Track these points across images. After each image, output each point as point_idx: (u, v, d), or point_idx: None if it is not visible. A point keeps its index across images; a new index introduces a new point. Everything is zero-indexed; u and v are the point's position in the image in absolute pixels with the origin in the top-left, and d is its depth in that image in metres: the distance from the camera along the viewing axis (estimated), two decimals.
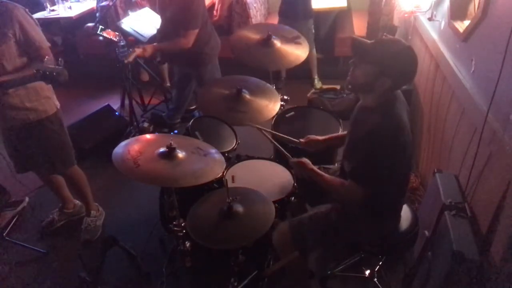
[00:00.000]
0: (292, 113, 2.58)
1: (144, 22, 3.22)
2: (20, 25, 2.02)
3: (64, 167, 2.45)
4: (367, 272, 2.20)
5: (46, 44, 2.15)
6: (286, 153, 1.99)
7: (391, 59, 1.51)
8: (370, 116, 1.60)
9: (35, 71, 1.85)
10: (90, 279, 2.16)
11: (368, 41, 1.58)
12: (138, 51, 2.77)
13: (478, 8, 1.90)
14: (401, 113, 1.59)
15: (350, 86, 1.65)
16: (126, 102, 3.62)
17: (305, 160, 1.84)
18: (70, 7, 4.56)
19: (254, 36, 2.52)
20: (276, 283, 2.09)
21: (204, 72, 3.08)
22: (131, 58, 2.76)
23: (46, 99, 2.24)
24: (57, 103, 2.34)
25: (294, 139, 2.08)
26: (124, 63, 3.19)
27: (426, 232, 1.89)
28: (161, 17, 3.04)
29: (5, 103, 2.12)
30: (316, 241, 1.80)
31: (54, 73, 1.84)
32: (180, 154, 1.69)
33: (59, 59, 1.92)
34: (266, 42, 2.46)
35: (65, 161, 2.43)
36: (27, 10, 2.11)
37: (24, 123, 2.20)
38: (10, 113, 2.16)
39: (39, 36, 2.12)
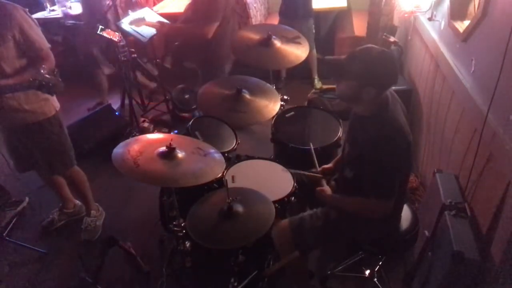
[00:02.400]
0: (292, 113, 2.58)
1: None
2: (19, 27, 2.01)
3: (64, 169, 2.45)
4: (367, 272, 2.20)
5: (46, 45, 2.15)
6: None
7: (367, 70, 1.52)
8: (367, 125, 1.62)
9: (31, 80, 1.83)
10: (90, 279, 2.16)
11: (342, 58, 1.61)
12: (157, 25, 2.80)
13: (478, 8, 1.90)
14: (396, 114, 1.60)
15: (341, 99, 1.68)
16: (126, 102, 3.62)
17: (324, 188, 1.84)
18: (70, 7, 4.56)
19: (254, 36, 2.52)
20: (276, 283, 2.09)
21: (209, 73, 3.04)
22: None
23: (45, 101, 2.22)
24: (57, 105, 2.33)
25: (314, 173, 2.05)
26: (124, 63, 3.20)
27: (426, 232, 1.89)
28: (188, 7, 3.07)
29: (4, 105, 2.11)
30: (316, 239, 1.80)
31: (50, 84, 1.84)
32: (180, 154, 1.69)
33: (55, 70, 1.90)
34: (266, 42, 2.46)
35: (65, 162, 2.42)
36: (26, 10, 2.10)
37: (23, 125, 2.20)
38: (9, 115, 2.15)
39: (39, 37, 2.11)
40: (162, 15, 3.49)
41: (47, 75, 1.84)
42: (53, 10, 4.51)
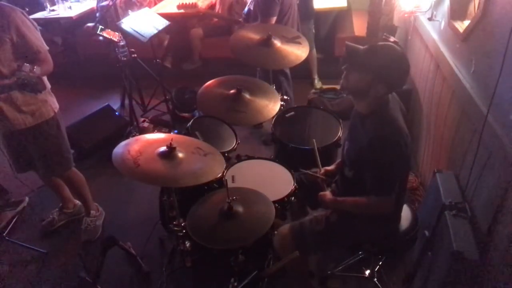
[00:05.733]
0: (292, 113, 2.58)
1: (144, 22, 3.22)
2: (17, 29, 2.00)
3: (61, 170, 2.44)
4: (367, 272, 2.20)
5: (44, 47, 2.13)
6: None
7: (384, 67, 1.52)
8: (366, 124, 1.62)
9: (16, 79, 1.81)
10: (90, 279, 2.16)
11: (361, 47, 1.59)
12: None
13: (478, 8, 1.90)
14: (396, 114, 1.60)
15: (345, 91, 1.67)
16: (126, 102, 3.62)
17: (326, 192, 1.84)
18: (70, 7, 4.57)
19: (254, 36, 2.52)
20: (276, 283, 2.09)
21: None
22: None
23: (43, 102, 2.21)
24: (56, 106, 2.32)
25: (315, 173, 2.04)
26: (124, 63, 3.19)
27: (426, 232, 1.89)
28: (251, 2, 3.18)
29: (2, 107, 2.10)
30: (317, 244, 1.80)
31: (32, 82, 1.81)
32: (180, 154, 1.68)
33: (34, 67, 1.88)
34: (266, 42, 2.46)
35: (63, 164, 2.41)
36: (25, 12, 2.09)
37: (21, 127, 2.19)
38: (7, 117, 2.14)
39: (37, 39, 2.09)
40: (162, 15, 3.50)
41: (30, 73, 1.82)
42: (53, 10, 4.51)
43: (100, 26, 3.00)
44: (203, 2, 4.55)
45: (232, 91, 2.29)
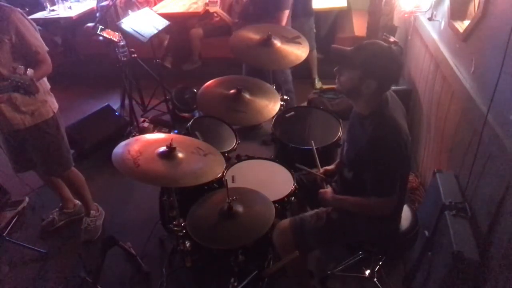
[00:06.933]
0: (292, 113, 2.58)
1: (144, 22, 3.22)
2: (16, 30, 1.99)
3: (61, 170, 2.44)
4: (367, 272, 2.20)
5: (43, 48, 2.12)
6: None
7: (372, 61, 1.53)
8: (366, 125, 1.62)
9: (9, 81, 1.80)
10: (90, 279, 2.16)
11: (348, 48, 1.60)
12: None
13: (478, 8, 1.90)
14: (395, 114, 1.60)
15: (341, 93, 1.68)
16: (126, 102, 3.62)
17: (326, 190, 1.85)
18: (70, 7, 4.57)
19: (254, 36, 2.52)
20: (276, 283, 2.09)
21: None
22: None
23: (43, 102, 2.21)
24: (55, 106, 2.31)
25: (314, 172, 2.04)
26: (124, 63, 3.19)
27: (426, 232, 1.89)
28: (248, 2, 3.09)
29: (1, 107, 2.10)
30: (317, 240, 1.80)
31: (25, 84, 1.81)
32: (180, 154, 1.69)
33: (27, 69, 1.88)
34: (266, 42, 2.45)
35: (62, 164, 2.41)
36: (24, 13, 2.08)
37: (20, 127, 2.19)
38: (6, 117, 2.13)
39: (36, 40, 2.09)
40: (162, 15, 3.50)
41: (24, 75, 1.80)
42: (53, 10, 4.51)
43: (100, 26, 3.00)
44: (203, 2, 4.55)
45: (232, 91, 2.29)
